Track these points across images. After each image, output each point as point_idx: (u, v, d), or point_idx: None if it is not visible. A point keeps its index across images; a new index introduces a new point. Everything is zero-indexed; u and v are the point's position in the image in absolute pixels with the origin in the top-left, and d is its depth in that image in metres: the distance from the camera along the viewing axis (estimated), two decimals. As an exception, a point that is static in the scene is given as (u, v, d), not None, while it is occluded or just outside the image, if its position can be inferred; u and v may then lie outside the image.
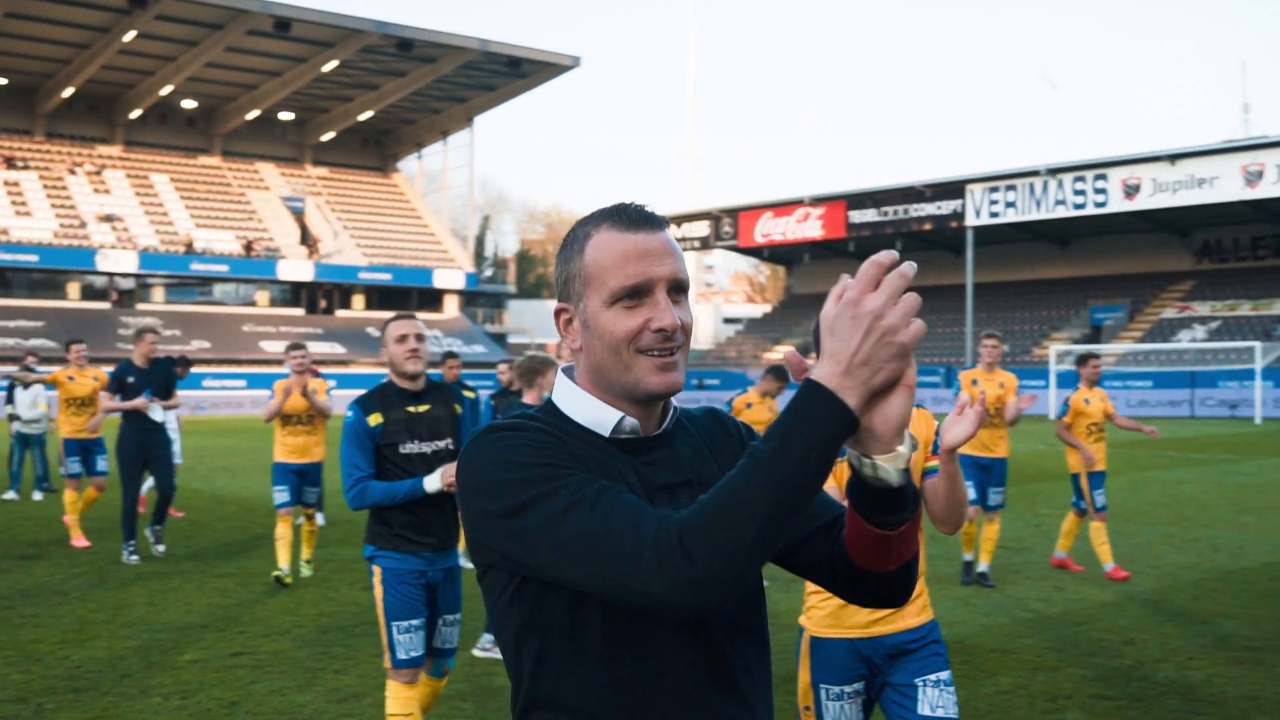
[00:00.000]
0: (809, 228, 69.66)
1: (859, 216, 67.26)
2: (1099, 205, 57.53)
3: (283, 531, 11.76)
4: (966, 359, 59.46)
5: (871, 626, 4.50)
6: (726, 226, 73.76)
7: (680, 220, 76.34)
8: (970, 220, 61.99)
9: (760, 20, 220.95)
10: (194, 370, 34.66)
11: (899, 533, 1.96)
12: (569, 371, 2.25)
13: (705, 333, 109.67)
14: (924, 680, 4.47)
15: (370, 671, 8.30)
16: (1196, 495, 19.53)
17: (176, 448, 16.29)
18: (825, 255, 78.14)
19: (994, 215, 61.28)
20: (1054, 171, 58.88)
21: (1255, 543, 14.25)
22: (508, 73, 71.29)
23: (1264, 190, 52.83)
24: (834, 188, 72.67)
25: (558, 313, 2.21)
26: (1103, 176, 57.32)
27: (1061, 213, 59.00)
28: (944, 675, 4.51)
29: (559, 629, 2.06)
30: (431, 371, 6.72)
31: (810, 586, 4.59)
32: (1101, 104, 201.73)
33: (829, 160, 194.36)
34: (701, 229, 75.31)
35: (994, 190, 61.18)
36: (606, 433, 2.13)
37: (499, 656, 8.65)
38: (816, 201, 69.27)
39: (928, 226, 64.93)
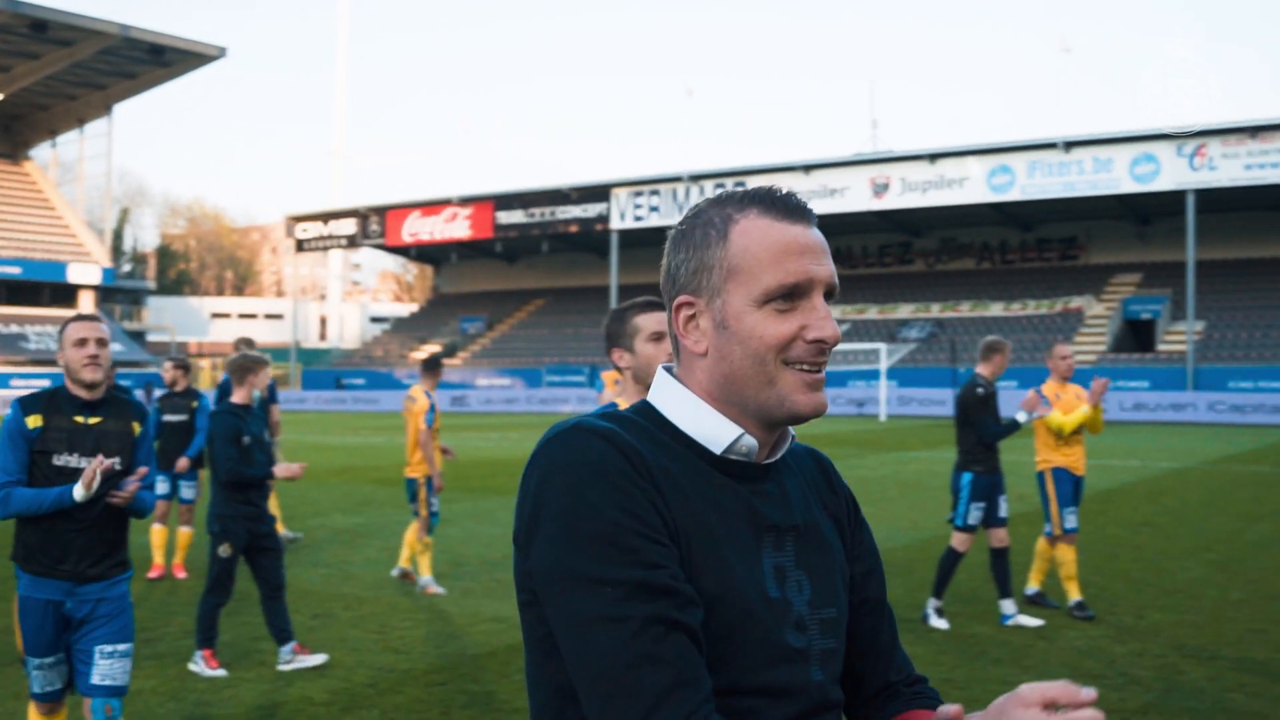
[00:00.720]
0: (457, 228, 69.81)
1: (507, 218, 67.77)
2: (737, 212, 59.58)
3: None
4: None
5: None
6: (374, 225, 73.10)
7: (327, 218, 75.31)
8: (615, 223, 63.37)
9: (411, 19, 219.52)
10: None
11: None
12: (674, 372, 1.93)
13: (352, 332, 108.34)
14: None
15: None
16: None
17: None
18: (473, 255, 78.49)
19: (638, 219, 62.82)
20: (696, 178, 60.86)
21: (875, 529, 15.07)
22: (150, 60, 68.29)
23: (890, 201, 56.03)
24: (483, 188, 72.93)
25: (679, 306, 1.86)
26: (741, 184, 59.16)
27: (702, 218, 60.81)
28: None
29: None
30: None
31: None
32: (741, 114, 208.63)
33: (478, 161, 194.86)
34: (349, 227, 74.43)
35: (638, 195, 62.72)
36: (719, 450, 1.82)
37: (304, 665, 8.36)
38: (465, 202, 69.45)
39: (574, 229, 66.00)
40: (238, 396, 8.54)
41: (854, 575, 2.00)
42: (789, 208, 1.86)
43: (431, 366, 11.87)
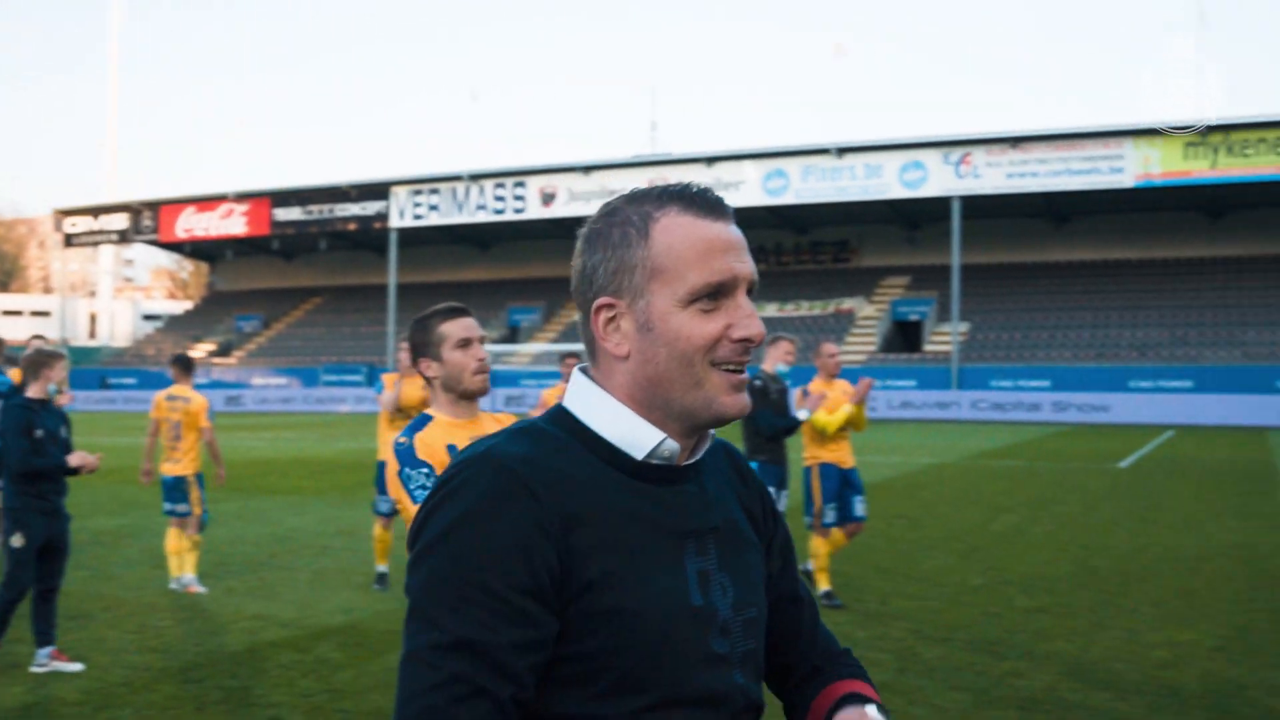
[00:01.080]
0: (233, 224, 68.30)
1: (284, 214, 66.62)
2: (518, 211, 59.91)
3: None
4: (388, 359, 60.15)
5: None
6: (147, 220, 71.05)
7: (97, 212, 72.97)
8: (394, 222, 62.86)
9: (187, 9, 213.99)
10: None
11: None
12: (590, 374, 1.87)
13: (123, 330, 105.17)
14: None
15: None
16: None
17: None
18: (249, 252, 76.89)
19: (418, 218, 62.43)
20: (476, 177, 60.76)
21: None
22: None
23: (669, 203, 56.56)
24: (260, 184, 71.63)
25: (598, 309, 1.79)
26: (522, 184, 59.73)
27: (483, 217, 61.01)
28: None
29: None
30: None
31: None
32: (524, 114, 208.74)
33: (256, 157, 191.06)
34: (120, 222, 72.16)
35: (418, 193, 62.32)
36: (640, 456, 1.77)
37: (60, 670, 8.08)
38: (241, 198, 68.06)
39: (352, 226, 65.24)
40: (32, 390, 8.36)
41: (770, 573, 2.01)
42: (709, 204, 1.79)
43: (188, 365, 11.73)
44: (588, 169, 58.49)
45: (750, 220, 62.33)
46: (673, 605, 1.71)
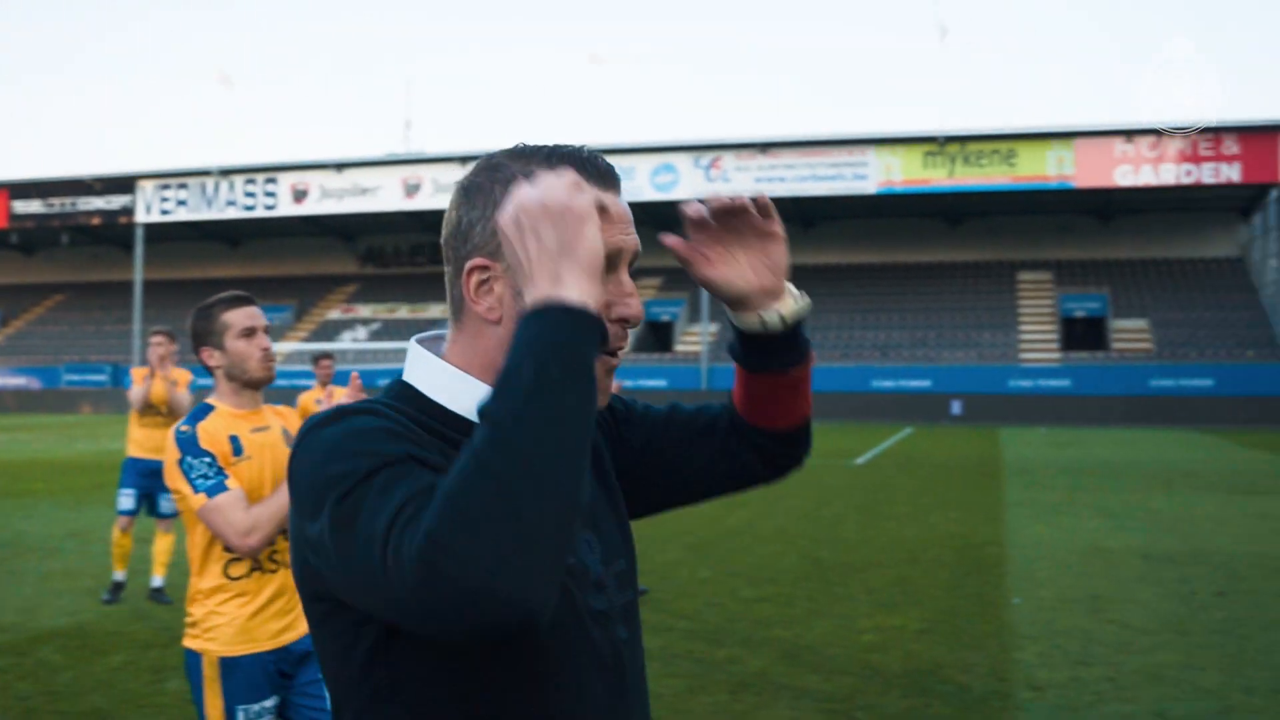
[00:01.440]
0: (-34, 216, 65.45)
1: (23, 207, 64.00)
2: (269, 208, 58.91)
3: None
4: (134, 358, 58.47)
5: (280, 636, 4.31)
6: None
7: None
8: (141, 217, 61.04)
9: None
10: None
11: (796, 375, 2.00)
12: (429, 345, 1.83)
13: None
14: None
15: None
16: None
17: None
18: (-15, 246, 73.76)
19: (165, 213, 60.77)
20: (226, 173, 59.44)
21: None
22: None
23: (422, 202, 56.45)
24: (-6, 176, 68.71)
25: (471, 270, 1.69)
26: (273, 180, 58.70)
27: (233, 213, 59.71)
28: None
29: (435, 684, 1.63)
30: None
31: (207, 603, 4.26)
32: (276, 109, 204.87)
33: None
34: None
35: (166, 188, 60.69)
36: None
37: None
38: (-25, 189, 65.26)
39: (96, 221, 63.04)
40: None
41: (649, 438, 2.06)
42: (600, 172, 1.72)
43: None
44: (340, 166, 57.74)
45: (506, 220, 62.47)
46: None
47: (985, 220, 59.85)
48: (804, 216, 60.91)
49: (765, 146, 52.87)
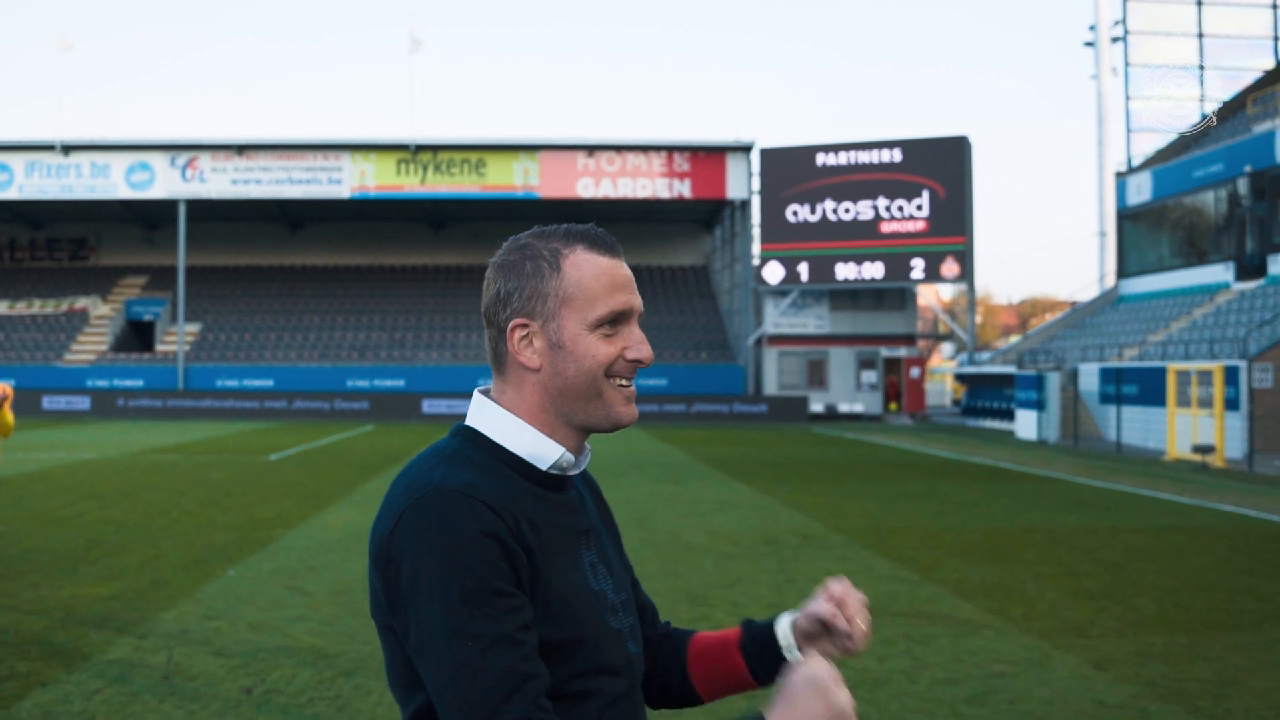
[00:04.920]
0: None
1: None
2: None
3: None
4: None
5: None
6: None
7: None
8: None
9: None
10: None
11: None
12: (490, 395, 2.11)
13: None
14: None
15: None
16: None
17: None
18: None
19: None
20: None
21: None
22: None
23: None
24: None
25: (514, 328, 2.04)
26: None
27: None
28: None
29: None
30: None
31: None
32: None
33: None
34: None
35: None
36: (545, 467, 2.04)
37: None
38: None
39: None
40: None
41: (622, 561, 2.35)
42: (606, 244, 2.06)
43: None
44: None
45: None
46: (585, 592, 2.00)
47: (467, 225, 62.51)
48: (291, 219, 61.79)
49: (242, 148, 53.54)
